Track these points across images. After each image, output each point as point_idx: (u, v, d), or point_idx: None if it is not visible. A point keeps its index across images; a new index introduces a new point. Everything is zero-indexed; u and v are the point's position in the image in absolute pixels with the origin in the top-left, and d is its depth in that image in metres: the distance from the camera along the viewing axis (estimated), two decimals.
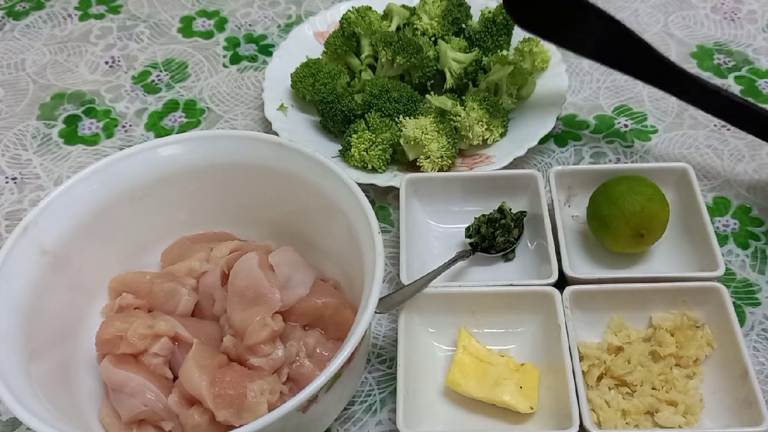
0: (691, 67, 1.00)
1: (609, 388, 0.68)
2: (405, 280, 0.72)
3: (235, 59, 1.05)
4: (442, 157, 0.84)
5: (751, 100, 0.95)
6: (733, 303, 0.70)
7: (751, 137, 0.88)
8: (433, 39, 0.96)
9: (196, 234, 0.77)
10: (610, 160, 0.90)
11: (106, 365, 0.65)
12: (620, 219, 0.74)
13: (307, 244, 0.73)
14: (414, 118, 0.87)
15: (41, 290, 0.64)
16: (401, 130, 0.86)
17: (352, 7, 0.97)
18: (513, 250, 0.80)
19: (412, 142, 0.85)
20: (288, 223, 0.74)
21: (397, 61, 0.90)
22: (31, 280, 0.64)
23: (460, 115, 0.87)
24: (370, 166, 0.86)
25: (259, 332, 0.63)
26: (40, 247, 0.65)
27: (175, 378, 0.65)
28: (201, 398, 0.61)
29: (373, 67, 0.95)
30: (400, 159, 0.88)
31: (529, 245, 0.80)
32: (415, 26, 0.96)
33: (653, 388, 0.68)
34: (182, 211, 0.75)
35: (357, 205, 0.65)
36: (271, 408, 0.60)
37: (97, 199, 0.69)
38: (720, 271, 0.71)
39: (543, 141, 0.89)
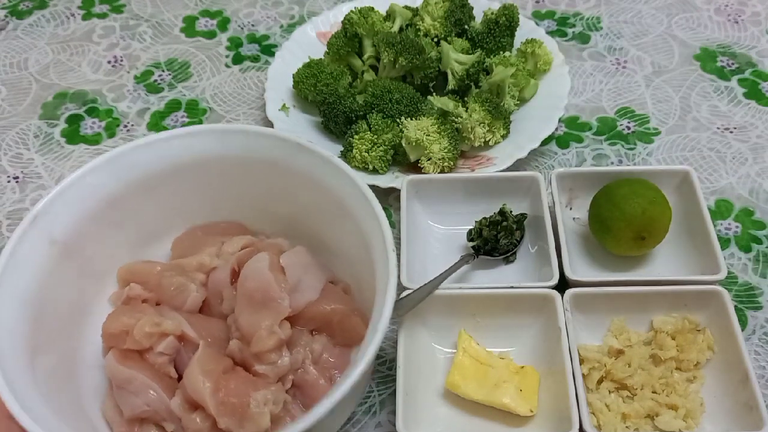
0: (695, 69, 1.00)
1: (609, 392, 0.68)
2: (405, 281, 0.72)
3: (238, 59, 1.05)
4: (443, 158, 0.84)
5: (753, 102, 0.96)
6: (735, 306, 0.70)
7: (753, 140, 0.88)
8: (435, 40, 0.96)
9: (207, 223, 0.76)
10: (612, 163, 0.90)
11: (111, 361, 0.65)
12: (622, 221, 0.74)
13: (319, 243, 0.72)
14: (416, 119, 0.87)
15: (49, 281, 0.64)
16: (403, 131, 0.86)
17: (355, 8, 0.97)
18: (514, 253, 0.79)
19: (414, 144, 0.85)
20: (300, 221, 0.74)
21: (400, 62, 0.90)
22: (40, 270, 0.64)
23: (461, 117, 0.87)
24: (371, 167, 0.86)
25: (265, 340, 0.63)
26: (49, 237, 0.65)
27: (180, 377, 0.65)
28: (204, 404, 0.60)
29: (375, 68, 0.95)
30: (402, 160, 0.88)
31: (530, 247, 0.79)
32: (417, 27, 0.96)
33: (654, 392, 0.68)
34: (194, 201, 0.75)
35: (373, 218, 0.63)
36: (273, 419, 0.60)
37: (108, 189, 0.69)
38: (722, 275, 0.71)
39: (545, 143, 0.89)
